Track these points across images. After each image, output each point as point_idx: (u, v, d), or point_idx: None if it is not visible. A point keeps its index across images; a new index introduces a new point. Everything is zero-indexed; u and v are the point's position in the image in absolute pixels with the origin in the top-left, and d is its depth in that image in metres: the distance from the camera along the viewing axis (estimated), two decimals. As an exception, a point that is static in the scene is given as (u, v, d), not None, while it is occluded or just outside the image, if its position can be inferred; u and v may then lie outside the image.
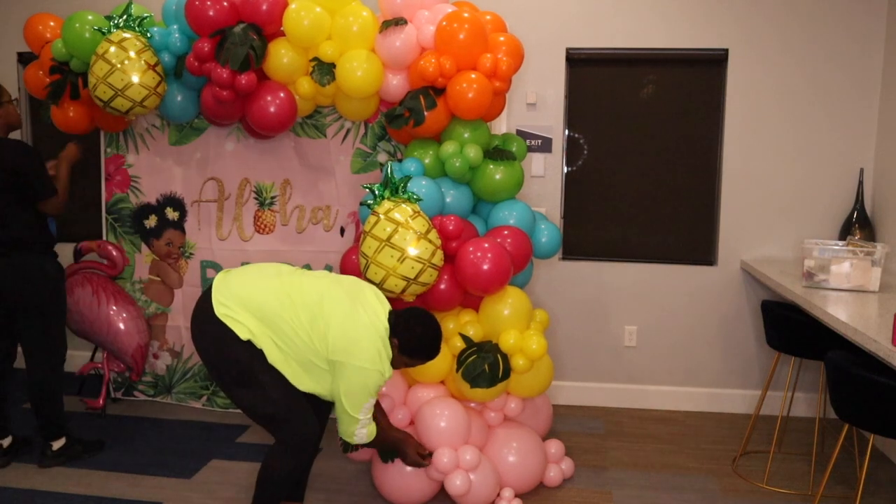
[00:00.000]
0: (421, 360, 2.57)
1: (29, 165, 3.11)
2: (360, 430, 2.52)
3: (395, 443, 2.81)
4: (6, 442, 3.37)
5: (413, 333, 2.50)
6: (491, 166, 3.28)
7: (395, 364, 2.55)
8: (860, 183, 3.83)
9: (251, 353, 2.42)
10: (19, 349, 3.36)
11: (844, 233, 3.80)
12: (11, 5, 4.44)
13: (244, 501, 3.04)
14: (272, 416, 2.48)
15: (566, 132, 4.14)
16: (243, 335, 2.40)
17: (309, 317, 2.42)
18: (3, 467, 3.30)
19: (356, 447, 3.12)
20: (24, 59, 4.47)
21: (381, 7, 3.32)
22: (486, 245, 3.00)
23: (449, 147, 3.20)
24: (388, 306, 2.55)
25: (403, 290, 2.87)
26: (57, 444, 3.31)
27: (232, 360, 2.43)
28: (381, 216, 2.85)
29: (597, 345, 4.19)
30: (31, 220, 3.18)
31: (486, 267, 2.95)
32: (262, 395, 2.44)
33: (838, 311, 2.61)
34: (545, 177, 4.11)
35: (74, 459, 3.34)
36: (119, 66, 3.25)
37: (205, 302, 2.49)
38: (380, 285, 2.87)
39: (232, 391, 2.50)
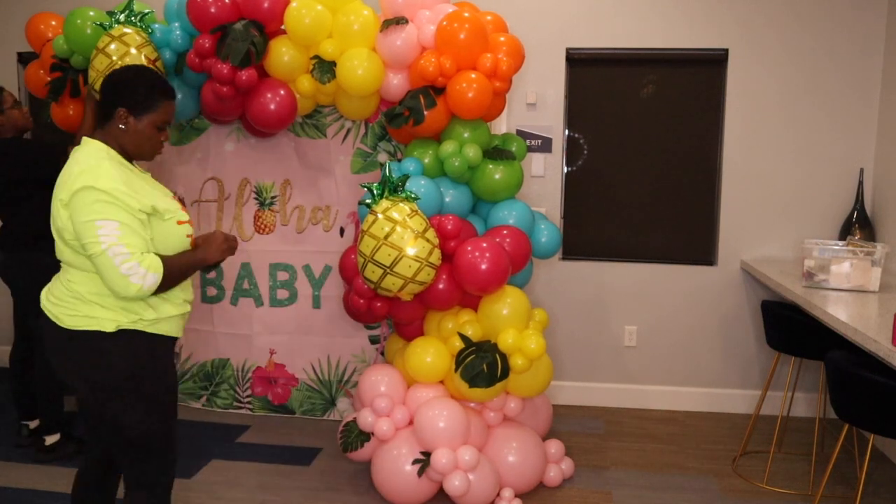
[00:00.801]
0: (160, 99, 2.09)
1: (32, 160, 3.17)
2: (128, 264, 1.91)
3: (200, 253, 2.16)
4: (33, 424, 3.45)
5: (122, 78, 2.08)
6: (490, 166, 3.28)
7: (145, 141, 2.10)
8: (860, 183, 3.83)
9: (123, 351, 2.03)
10: None
11: (844, 233, 3.80)
12: (12, 5, 4.44)
13: (244, 501, 3.04)
14: (141, 441, 2.07)
15: (566, 132, 4.14)
16: (108, 328, 2.01)
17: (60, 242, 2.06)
18: (28, 447, 3.39)
19: (356, 446, 3.13)
20: (25, 58, 4.47)
21: (382, 6, 3.32)
22: (485, 245, 2.99)
23: (448, 146, 3.20)
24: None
25: (401, 289, 2.87)
26: (50, 439, 3.33)
27: (104, 367, 2.02)
28: (379, 215, 2.85)
29: (597, 345, 4.19)
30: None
31: (484, 266, 2.95)
32: (136, 408, 2.05)
33: (838, 311, 2.61)
34: (545, 177, 4.11)
35: (67, 459, 3.35)
36: (119, 61, 3.25)
37: (48, 326, 2.07)
38: (377, 284, 2.87)
39: (106, 407, 2.05)
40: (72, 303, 2.04)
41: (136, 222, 1.98)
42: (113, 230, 1.93)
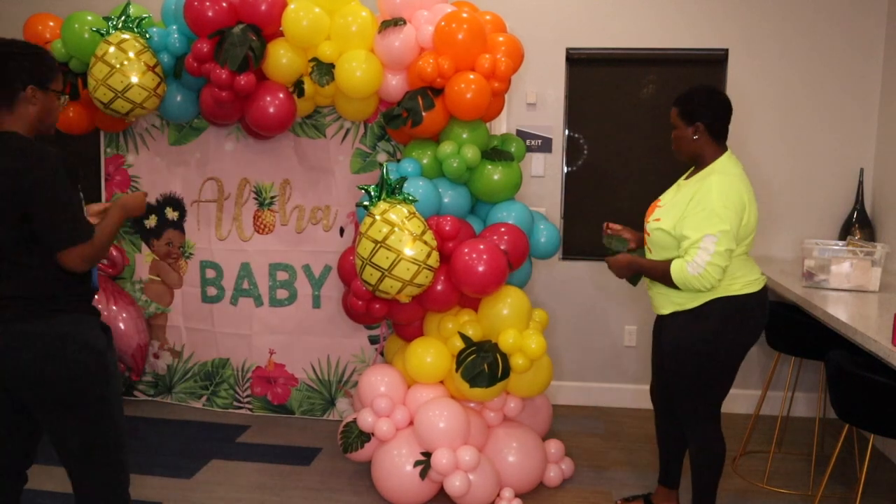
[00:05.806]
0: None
1: (36, 190, 1.90)
2: None
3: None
4: None
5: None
6: (489, 167, 3.28)
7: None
8: (860, 183, 3.82)
9: None
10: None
11: (844, 233, 3.80)
12: (11, 5, 4.44)
13: (244, 501, 3.05)
14: None
15: (566, 132, 4.13)
16: None
17: None
18: None
19: (356, 447, 3.13)
20: (24, 59, 4.46)
21: (380, 7, 3.32)
22: (482, 246, 2.98)
23: (446, 147, 3.20)
24: None
25: (399, 291, 2.86)
26: None
27: None
28: (377, 217, 2.85)
29: (596, 345, 4.18)
30: (54, 267, 1.99)
31: (481, 269, 2.94)
32: None
33: (838, 311, 2.61)
34: (545, 177, 4.11)
35: None
36: (118, 67, 3.25)
37: None
38: (376, 286, 2.87)
39: None
40: None
41: None
42: None
